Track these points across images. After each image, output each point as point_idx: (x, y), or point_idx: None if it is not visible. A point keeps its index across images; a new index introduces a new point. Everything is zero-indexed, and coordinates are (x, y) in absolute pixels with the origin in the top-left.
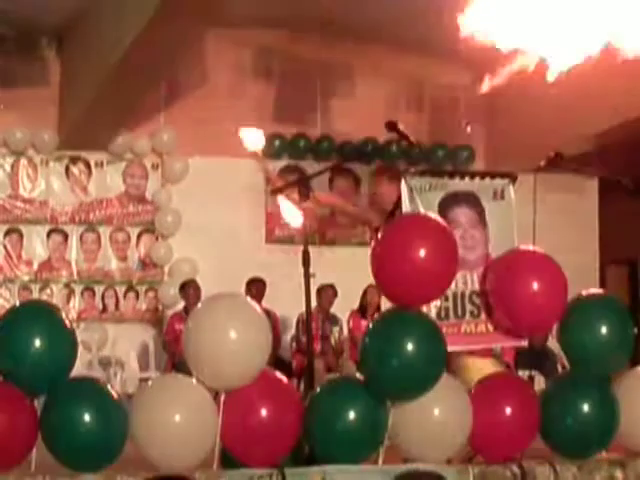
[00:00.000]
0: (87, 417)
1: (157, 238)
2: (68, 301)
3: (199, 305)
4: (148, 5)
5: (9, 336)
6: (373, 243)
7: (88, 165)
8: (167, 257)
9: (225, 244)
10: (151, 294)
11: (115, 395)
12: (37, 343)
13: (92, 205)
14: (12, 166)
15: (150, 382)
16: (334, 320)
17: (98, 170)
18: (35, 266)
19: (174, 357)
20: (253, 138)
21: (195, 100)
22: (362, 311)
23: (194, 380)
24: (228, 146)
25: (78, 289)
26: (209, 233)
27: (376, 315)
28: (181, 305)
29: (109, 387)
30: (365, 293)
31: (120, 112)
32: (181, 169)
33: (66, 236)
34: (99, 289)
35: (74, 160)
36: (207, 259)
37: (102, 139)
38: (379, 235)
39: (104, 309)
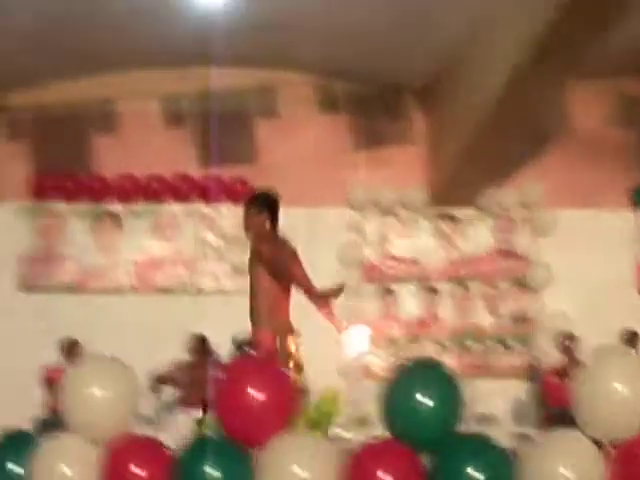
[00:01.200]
0: (474, 472)
1: (528, 292)
2: (440, 357)
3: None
4: (514, 62)
5: (399, 394)
6: None
7: (457, 221)
8: (539, 311)
9: (597, 296)
10: (524, 349)
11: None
12: (426, 400)
13: (462, 261)
14: (382, 225)
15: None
16: None
17: (467, 226)
18: (408, 324)
19: (549, 410)
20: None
21: (561, 152)
22: None
23: (580, 433)
24: (596, 196)
25: (451, 345)
26: (581, 285)
27: None
28: (557, 359)
29: (494, 442)
30: None
31: (487, 167)
32: (551, 222)
33: (437, 293)
34: (471, 345)
35: (443, 217)
36: (579, 311)
37: (470, 195)
38: None
39: (477, 365)
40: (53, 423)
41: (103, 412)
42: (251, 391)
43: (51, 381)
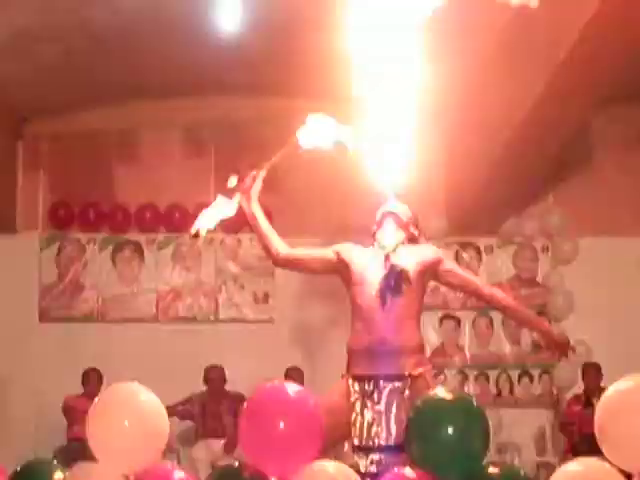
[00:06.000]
0: None
1: (550, 321)
2: (462, 387)
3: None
4: (535, 86)
5: (424, 425)
6: None
7: (478, 250)
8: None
9: (619, 324)
10: (545, 377)
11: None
12: (451, 430)
13: None
14: None
15: None
16: None
17: (488, 255)
18: (429, 352)
19: (572, 439)
20: None
21: (582, 179)
22: None
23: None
24: (618, 224)
25: (472, 374)
26: (602, 314)
27: None
28: (579, 387)
29: (519, 472)
30: None
31: (507, 195)
32: (572, 250)
33: (458, 322)
34: (493, 374)
35: (464, 245)
36: (601, 340)
37: (490, 223)
38: None
39: (498, 394)
40: (73, 452)
41: (133, 443)
42: (277, 420)
43: (71, 410)
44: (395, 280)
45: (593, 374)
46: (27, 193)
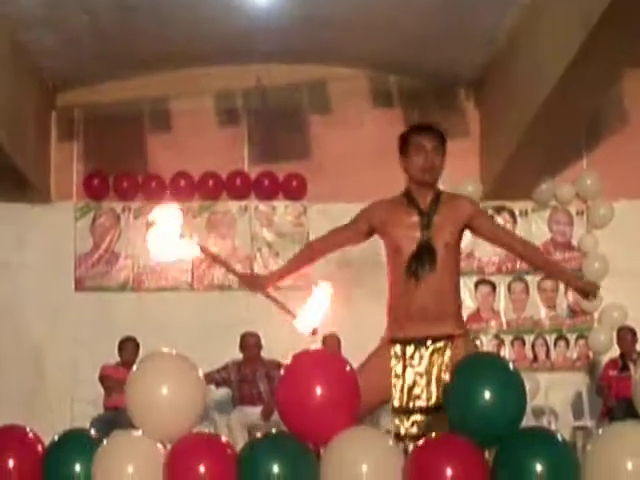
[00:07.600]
0: (537, 466)
1: None
2: (498, 352)
3: None
4: (565, 52)
5: (460, 388)
6: None
7: (513, 214)
8: (596, 304)
9: None
10: (581, 341)
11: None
12: (487, 394)
13: None
14: None
15: None
16: None
17: (523, 219)
18: (464, 317)
19: (608, 403)
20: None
21: (616, 142)
22: None
23: None
24: None
25: (508, 339)
26: (638, 278)
27: None
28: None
29: (556, 435)
30: None
31: (542, 159)
32: (606, 214)
33: (494, 286)
34: (529, 338)
35: (499, 210)
36: (637, 305)
37: (525, 187)
38: None
39: (535, 358)
40: (110, 421)
41: (171, 411)
42: (314, 386)
43: (108, 379)
44: (427, 259)
45: (628, 338)
46: (61, 163)
